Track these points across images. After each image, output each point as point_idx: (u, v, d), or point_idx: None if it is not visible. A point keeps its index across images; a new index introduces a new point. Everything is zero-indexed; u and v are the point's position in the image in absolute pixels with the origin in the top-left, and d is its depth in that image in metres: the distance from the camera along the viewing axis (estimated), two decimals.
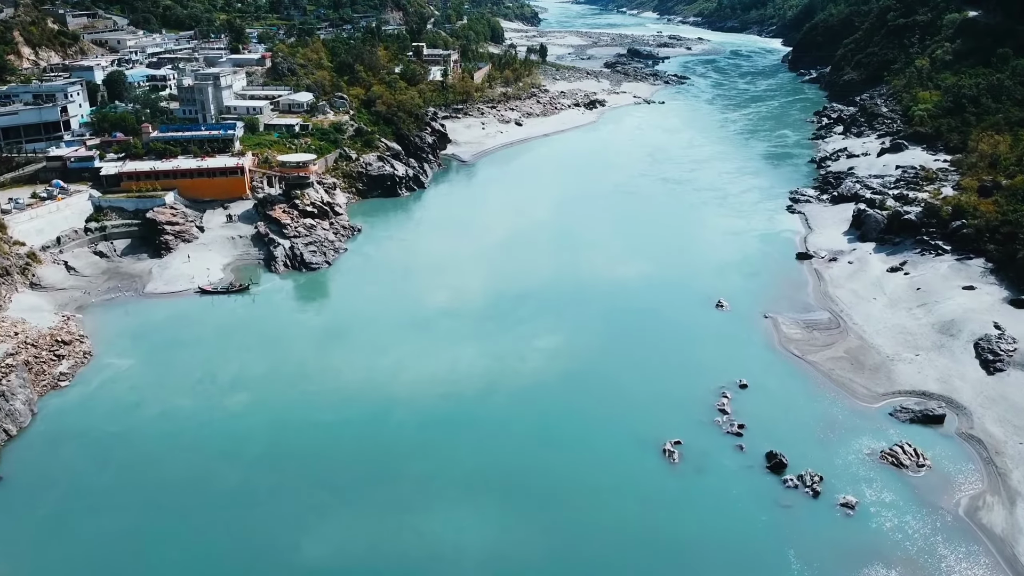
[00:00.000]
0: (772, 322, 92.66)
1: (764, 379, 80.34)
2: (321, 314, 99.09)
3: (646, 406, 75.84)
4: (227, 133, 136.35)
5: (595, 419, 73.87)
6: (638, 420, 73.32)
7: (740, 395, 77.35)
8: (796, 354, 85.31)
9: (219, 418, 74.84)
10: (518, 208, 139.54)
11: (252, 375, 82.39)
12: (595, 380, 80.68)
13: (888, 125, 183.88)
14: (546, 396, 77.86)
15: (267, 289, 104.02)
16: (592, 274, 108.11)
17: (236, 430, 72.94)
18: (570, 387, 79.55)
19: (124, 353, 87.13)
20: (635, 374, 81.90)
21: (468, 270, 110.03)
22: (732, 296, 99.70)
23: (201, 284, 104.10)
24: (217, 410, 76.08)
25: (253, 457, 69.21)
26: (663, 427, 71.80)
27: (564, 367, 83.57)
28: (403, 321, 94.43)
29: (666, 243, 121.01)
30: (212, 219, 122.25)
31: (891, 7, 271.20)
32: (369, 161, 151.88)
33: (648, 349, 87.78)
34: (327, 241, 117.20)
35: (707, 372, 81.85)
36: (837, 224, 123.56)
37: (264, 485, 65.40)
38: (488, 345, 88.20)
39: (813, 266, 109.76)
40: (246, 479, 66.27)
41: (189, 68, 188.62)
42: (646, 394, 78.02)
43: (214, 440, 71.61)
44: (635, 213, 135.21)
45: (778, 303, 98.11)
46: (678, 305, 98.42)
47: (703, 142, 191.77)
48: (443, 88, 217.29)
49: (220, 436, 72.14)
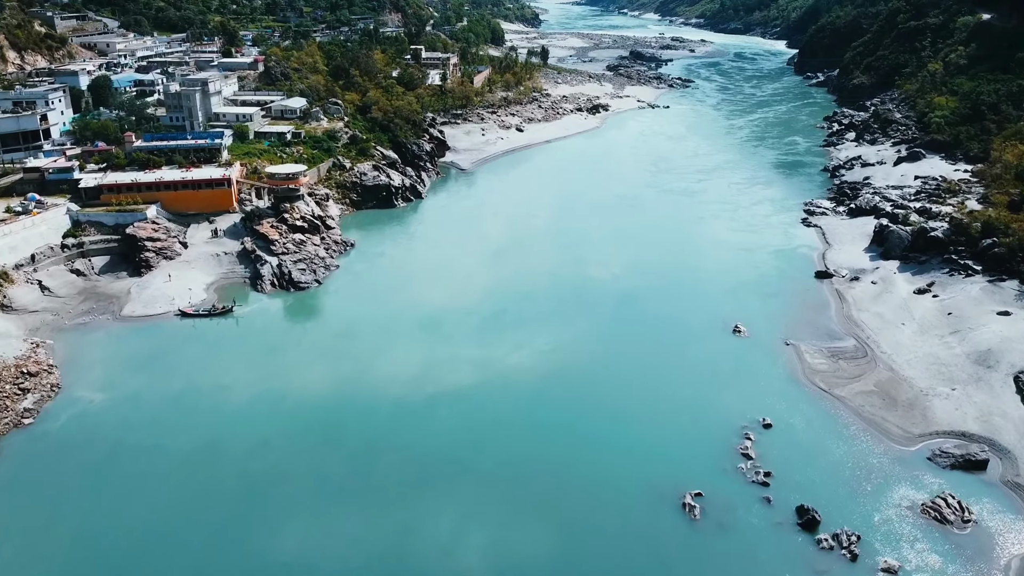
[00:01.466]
0: (794, 350, 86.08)
1: (789, 417, 73.79)
2: (307, 340, 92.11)
3: (661, 449, 69.26)
4: (214, 142, 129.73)
5: (605, 464, 67.18)
6: (653, 466, 66.72)
7: (764, 436, 70.80)
8: (822, 388, 78.72)
9: (191, 461, 68.27)
10: (518, 221, 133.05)
11: (229, 410, 75.80)
12: (604, 419, 73.98)
13: (903, 132, 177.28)
14: (549, 441, 70.98)
15: (252, 311, 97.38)
16: (598, 296, 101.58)
17: (209, 476, 66.35)
18: (577, 426, 72.88)
19: (95, 386, 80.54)
20: (648, 411, 75.26)
21: (465, 290, 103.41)
22: (749, 320, 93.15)
23: (182, 306, 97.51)
24: (190, 453, 69.50)
25: (230, 504, 62.69)
26: (681, 474, 65.28)
27: (569, 403, 76.90)
28: (394, 349, 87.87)
29: (676, 261, 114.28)
30: (196, 234, 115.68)
31: (900, 9, 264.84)
32: (364, 170, 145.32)
33: (662, 381, 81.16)
34: (317, 258, 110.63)
35: (727, 408, 75.31)
36: (857, 240, 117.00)
37: (242, 534, 58.89)
38: (486, 374, 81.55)
39: (834, 286, 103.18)
40: (221, 530, 59.77)
41: (179, 73, 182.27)
42: (661, 434, 71.41)
43: (186, 487, 65.09)
44: (642, 228, 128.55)
45: (799, 328, 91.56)
46: (692, 330, 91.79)
47: (710, 150, 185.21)
48: (442, 93, 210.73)
49: (192, 482, 65.62)
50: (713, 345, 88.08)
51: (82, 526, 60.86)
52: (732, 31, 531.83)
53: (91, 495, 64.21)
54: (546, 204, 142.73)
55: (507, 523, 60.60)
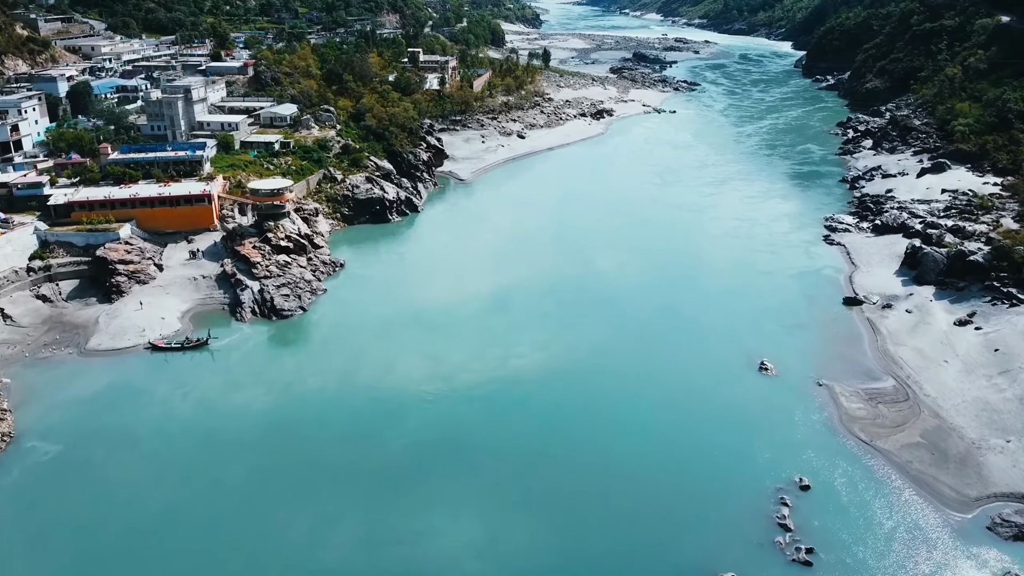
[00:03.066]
0: (828, 392, 77.70)
1: (829, 475, 65.45)
2: (287, 378, 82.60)
3: (687, 517, 60.87)
4: (195, 154, 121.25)
5: (624, 540, 58.79)
6: (680, 538, 58.44)
7: (802, 500, 62.45)
8: (863, 439, 70.32)
9: (153, 536, 59.96)
10: (520, 239, 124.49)
11: (193, 464, 67.50)
12: (620, 480, 65.37)
13: (924, 140, 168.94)
14: (553, 515, 62.49)
15: (228, 344, 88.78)
16: (609, 329, 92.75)
17: (170, 551, 58.04)
18: (587, 493, 64.37)
19: (51, 434, 72.22)
20: (671, 466, 66.84)
21: (461, 322, 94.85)
22: (776, 354, 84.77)
23: (152, 338, 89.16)
24: (152, 522, 61.19)
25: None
26: (711, 549, 57.02)
27: (576, 464, 68.28)
28: (379, 390, 79.46)
29: (692, 286, 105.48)
30: (173, 255, 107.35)
31: (914, 11, 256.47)
32: (356, 183, 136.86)
33: (684, 429, 72.72)
34: (303, 282, 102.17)
35: (758, 463, 67.01)
36: (886, 261, 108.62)
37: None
38: (480, 437, 72.75)
39: (865, 314, 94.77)
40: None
41: (164, 78, 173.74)
42: (685, 499, 62.98)
43: (145, 561, 56.86)
44: (653, 248, 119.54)
45: (832, 365, 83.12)
46: (714, 367, 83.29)
47: (720, 159, 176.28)
48: (440, 98, 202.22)
49: (152, 555, 57.36)
50: (738, 385, 79.59)
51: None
52: (736, 32, 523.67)
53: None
54: (549, 220, 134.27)
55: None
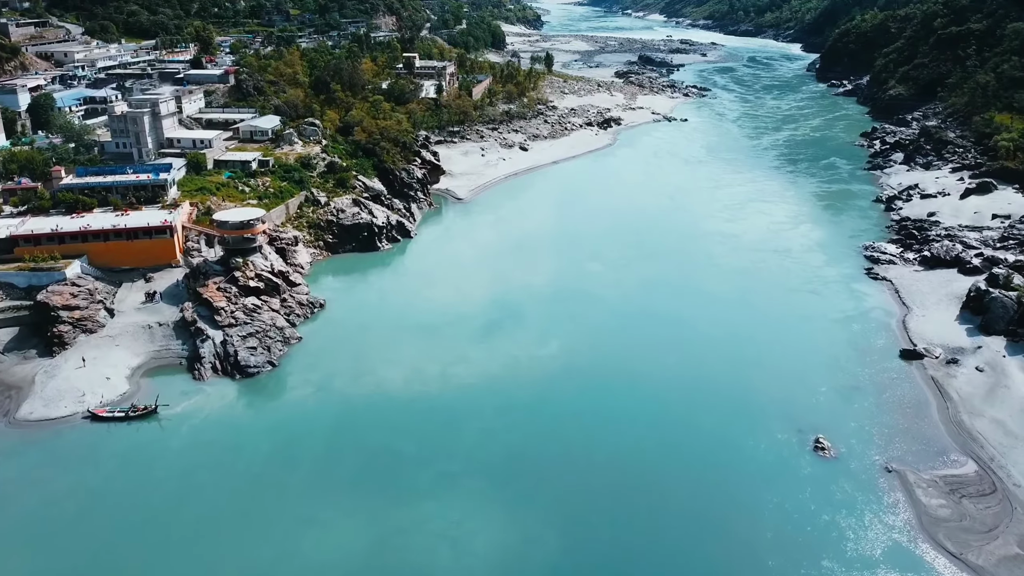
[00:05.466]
0: (900, 481, 64.18)
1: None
2: (248, 457, 68.86)
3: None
4: (158, 178, 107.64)
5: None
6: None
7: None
8: (951, 551, 56.83)
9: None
10: (523, 269, 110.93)
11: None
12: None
13: (962, 155, 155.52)
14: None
15: (181, 413, 75.10)
16: (627, 389, 79.13)
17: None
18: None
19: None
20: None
21: (457, 379, 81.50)
22: (831, 427, 71.31)
23: (93, 405, 75.64)
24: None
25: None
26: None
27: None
28: (364, 477, 66.17)
29: (722, 336, 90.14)
30: (128, 297, 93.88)
31: (937, 13, 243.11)
32: (342, 207, 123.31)
33: (725, 536, 59.16)
34: (274, 329, 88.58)
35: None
36: (943, 302, 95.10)
37: None
38: (479, 539, 59.81)
39: (928, 371, 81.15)
40: None
41: (137, 87, 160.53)
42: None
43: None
44: (672, 288, 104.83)
45: (898, 443, 69.58)
46: (755, 443, 69.69)
47: (738, 179, 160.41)
48: (437, 107, 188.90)
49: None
50: (792, 474, 65.68)
51: None
52: (743, 33, 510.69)
53: None
54: (553, 251, 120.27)
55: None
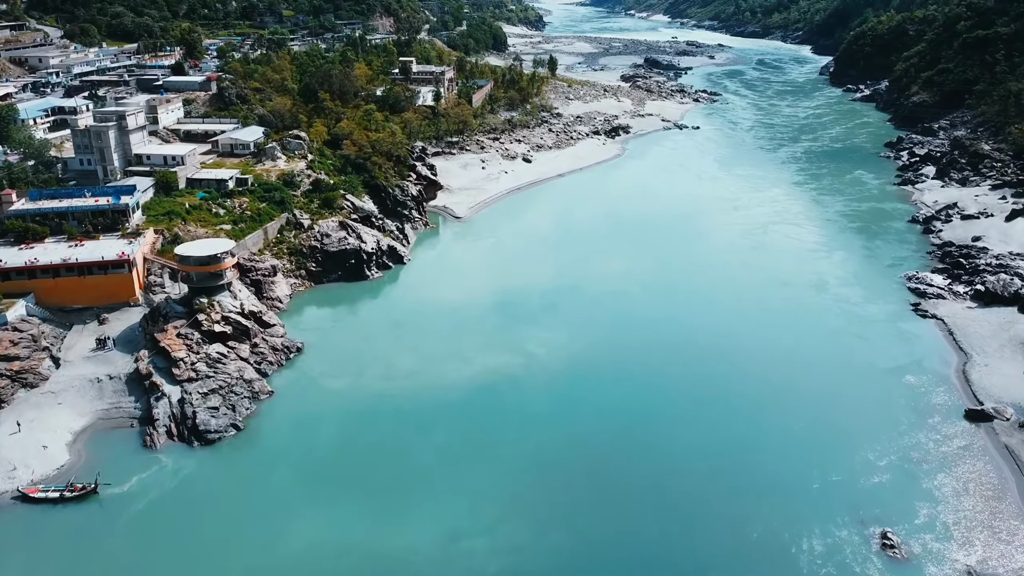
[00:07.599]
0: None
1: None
2: (195, 559, 57.72)
3: None
4: (119, 202, 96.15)
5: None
6: None
7: None
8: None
9: None
10: (528, 303, 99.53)
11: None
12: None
13: (1001, 170, 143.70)
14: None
15: (126, 492, 63.42)
16: (642, 470, 67.41)
17: None
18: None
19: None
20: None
21: (453, 446, 70.12)
22: (898, 515, 59.82)
23: (23, 483, 64.20)
24: None
25: None
26: None
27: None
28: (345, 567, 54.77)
29: (762, 395, 77.40)
30: (78, 342, 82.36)
31: (960, 16, 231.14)
32: (327, 231, 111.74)
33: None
34: (241, 383, 76.93)
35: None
36: (1006, 349, 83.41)
37: None
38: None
39: (1001, 438, 69.46)
40: None
41: (112, 96, 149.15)
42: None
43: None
44: (691, 327, 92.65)
45: (978, 537, 58.06)
46: (811, 540, 58.01)
47: (758, 198, 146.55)
48: (434, 116, 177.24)
49: None
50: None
51: None
52: (750, 35, 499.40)
53: None
54: (560, 277, 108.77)
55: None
